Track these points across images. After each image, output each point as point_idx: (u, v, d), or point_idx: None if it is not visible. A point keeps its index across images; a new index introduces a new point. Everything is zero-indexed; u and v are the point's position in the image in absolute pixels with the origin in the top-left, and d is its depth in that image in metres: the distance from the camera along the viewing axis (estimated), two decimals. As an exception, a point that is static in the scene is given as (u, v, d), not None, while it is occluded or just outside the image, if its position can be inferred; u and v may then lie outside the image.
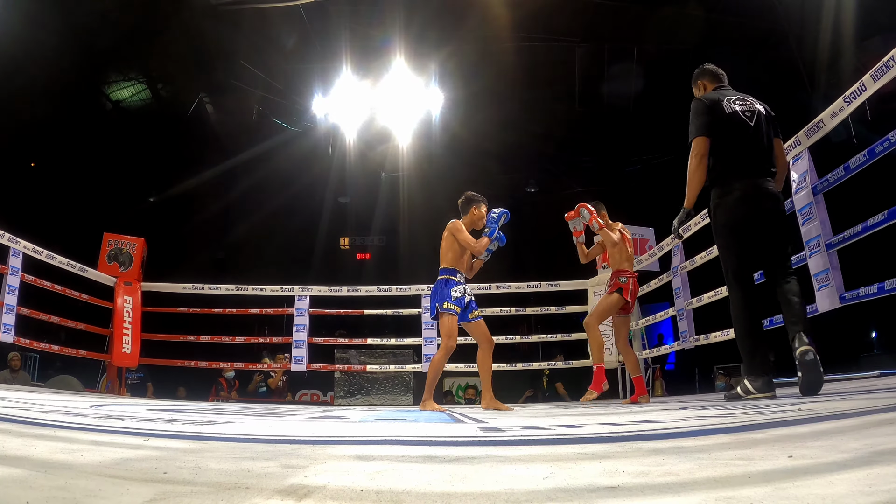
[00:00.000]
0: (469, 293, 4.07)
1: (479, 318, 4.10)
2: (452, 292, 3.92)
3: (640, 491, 0.84)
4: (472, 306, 4.09)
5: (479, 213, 4.16)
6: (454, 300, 3.91)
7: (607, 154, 13.15)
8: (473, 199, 4.20)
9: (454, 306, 3.91)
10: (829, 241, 3.38)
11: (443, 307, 3.92)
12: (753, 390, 2.87)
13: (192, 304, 7.25)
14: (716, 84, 3.36)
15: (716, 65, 3.43)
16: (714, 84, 3.37)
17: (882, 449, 1.02)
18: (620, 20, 9.85)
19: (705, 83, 3.41)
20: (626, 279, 4.60)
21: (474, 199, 4.19)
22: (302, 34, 10.17)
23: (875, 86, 3.02)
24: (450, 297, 3.91)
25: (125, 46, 10.63)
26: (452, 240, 4.05)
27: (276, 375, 7.98)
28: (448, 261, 4.05)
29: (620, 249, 4.69)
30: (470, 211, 4.17)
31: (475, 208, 4.16)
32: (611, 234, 4.65)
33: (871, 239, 3.19)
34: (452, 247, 4.05)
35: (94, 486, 0.86)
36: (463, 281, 4.05)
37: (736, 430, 1.50)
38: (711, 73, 3.42)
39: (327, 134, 12.03)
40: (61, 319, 6.01)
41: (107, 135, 12.28)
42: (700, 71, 3.47)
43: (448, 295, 3.91)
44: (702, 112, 3.11)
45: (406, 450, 1.36)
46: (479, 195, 4.23)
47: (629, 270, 4.68)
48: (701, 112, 3.11)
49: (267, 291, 6.90)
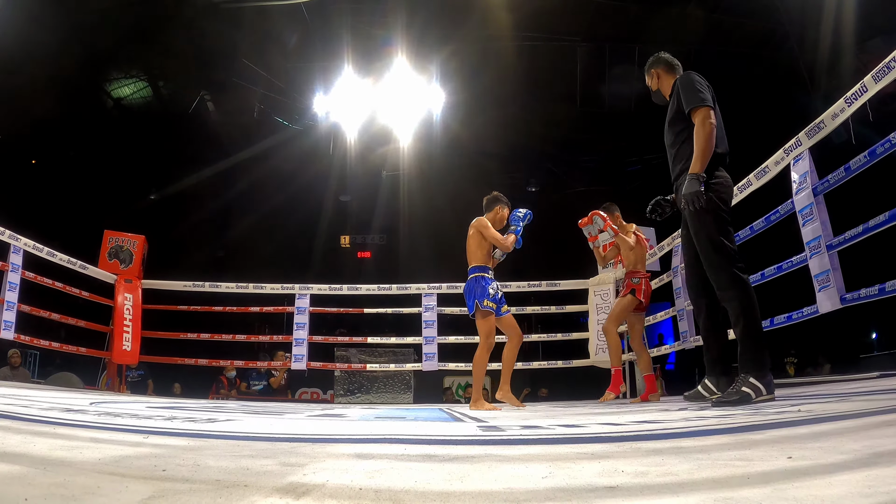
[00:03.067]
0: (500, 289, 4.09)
1: (509, 312, 4.12)
2: (491, 290, 3.94)
3: (639, 491, 0.84)
4: (503, 301, 4.11)
5: (501, 213, 4.19)
6: (491, 297, 3.93)
7: (608, 154, 13.16)
8: (500, 199, 4.22)
9: (492, 304, 3.93)
10: (830, 243, 3.38)
11: (483, 305, 3.93)
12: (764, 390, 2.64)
13: (192, 302, 7.25)
14: (672, 75, 3.27)
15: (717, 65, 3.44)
16: (670, 75, 3.28)
17: (881, 450, 1.02)
18: (621, 20, 9.85)
19: (660, 72, 3.34)
20: (639, 280, 4.65)
21: (500, 200, 4.22)
22: (303, 32, 10.17)
23: (876, 87, 3.01)
24: (487, 294, 3.92)
25: (126, 44, 10.64)
26: (480, 237, 4.05)
27: (278, 374, 7.98)
28: (478, 258, 4.05)
29: (636, 252, 4.73)
30: (494, 209, 4.19)
31: (499, 208, 4.19)
32: (627, 240, 4.69)
33: (872, 240, 3.19)
34: (481, 244, 4.05)
35: (93, 483, 0.87)
36: (494, 277, 4.07)
37: (735, 431, 1.50)
38: (668, 62, 3.34)
39: (328, 132, 12.04)
40: (62, 316, 6.01)
41: (108, 132, 12.30)
42: (655, 58, 3.38)
43: (486, 293, 3.93)
44: (705, 86, 2.98)
45: (405, 448, 1.36)
46: (505, 197, 4.26)
47: (641, 271, 4.72)
48: (705, 86, 2.98)
49: (267, 290, 6.90)
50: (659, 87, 3.36)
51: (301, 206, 13.92)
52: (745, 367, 2.72)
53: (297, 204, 13.75)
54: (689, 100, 2.94)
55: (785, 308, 3.92)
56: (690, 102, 2.93)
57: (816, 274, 3.47)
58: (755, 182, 4.10)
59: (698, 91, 2.93)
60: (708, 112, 2.88)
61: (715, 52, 9.77)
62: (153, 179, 13.70)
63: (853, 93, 3.15)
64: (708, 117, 2.86)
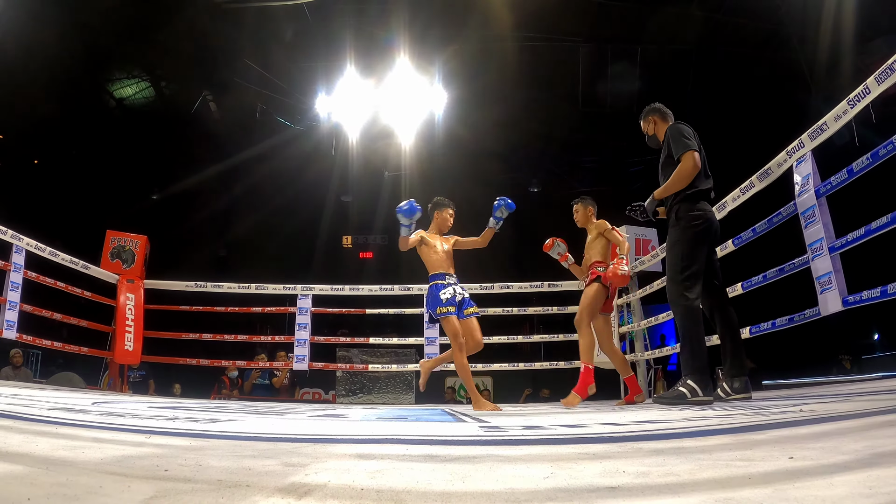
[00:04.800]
0: (460, 292, 4.14)
1: (473, 317, 4.16)
2: (441, 295, 4.03)
3: (640, 491, 0.84)
4: (468, 303, 4.16)
5: (443, 215, 4.35)
6: (445, 302, 4.01)
7: (610, 154, 13.14)
8: (436, 204, 4.40)
9: (448, 307, 4.00)
10: (833, 245, 3.37)
11: (436, 313, 4.03)
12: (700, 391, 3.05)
13: (194, 302, 7.25)
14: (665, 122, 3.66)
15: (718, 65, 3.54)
16: (664, 122, 3.67)
17: (883, 451, 1.02)
18: (623, 20, 9.85)
19: (656, 119, 3.75)
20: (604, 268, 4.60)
21: (437, 204, 4.39)
22: (305, 32, 10.18)
23: (879, 88, 3.00)
24: (440, 301, 4.02)
25: (128, 44, 10.67)
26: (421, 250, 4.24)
27: (280, 374, 7.98)
28: (429, 268, 4.22)
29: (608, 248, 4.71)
30: (434, 217, 4.37)
31: (437, 213, 4.36)
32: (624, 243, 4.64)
33: (875, 242, 3.18)
34: (425, 256, 4.23)
35: (96, 483, 0.87)
36: (453, 282, 4.15)
37: (737, 431, 1.50)
38: (661, 111, 3.74)
39: (330, 132, 12.04)
40: (64, 316, 6.02)
41: (110, 132, 12.32)
42: (651, 108, 3.79)
43: (438, 300, 4.03)
44: (691, 134, 3.38)
45: (407, 449, 1.36)
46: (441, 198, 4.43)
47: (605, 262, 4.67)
48: (690, 134, 3.38)
49: (269, 290, 6.90)
50: (655, 132, 3.77)
51: (303, 206, 13.92)
52: (685, 370, 3.18)
53: (298, 204, 13.76)
54: (678, 147, 3.36)
55: (787, 310, 3.92)
56: (679, 149, 3.35)
57: (819, 276, 3.46)
58: (758, 184, 4.09)
59: (686, 139, 3.35)
60: (693, 155, 3.30)
61: (716, 53, 9.76)
62: (155, 179, 13.72)
63: (856, 94, 3.14)
64: (693, 160, 3.30)
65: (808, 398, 2.76)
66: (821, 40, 8.32)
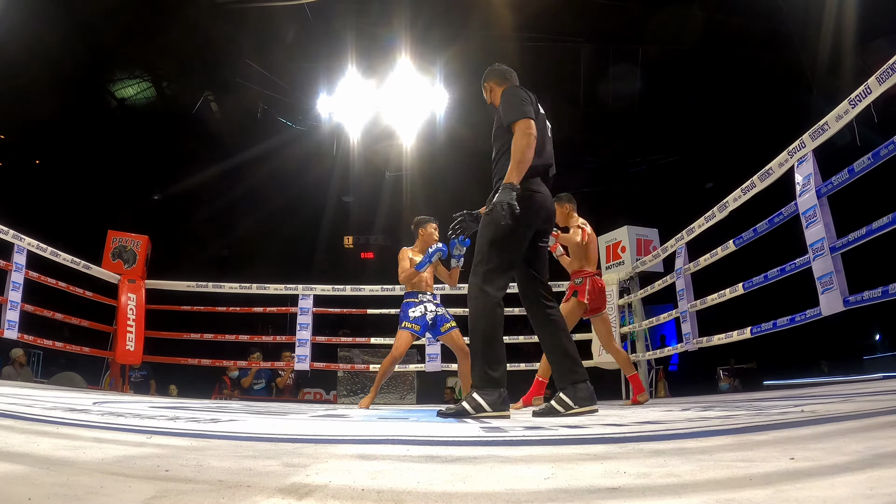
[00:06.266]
0: (433, 310, 4.39)
1: (453, 330, 4.37)
2: (410, 313, 4.33)
3: (641, 492, 0.84)
4: (443, 320, 4.39)
5: (427, 232, 4.53)
6: (412, 320, 4.30)
7: (611, 154, 13.14)
8: (419, 222, 4.60)
9: (412, 325, 4.29)
10: (834, 245, 3.37)
11: (401, 326, 4.33)
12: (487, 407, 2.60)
13: (195, 302, 7.25)
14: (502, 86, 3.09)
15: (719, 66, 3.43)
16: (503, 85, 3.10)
17: (884, 451, 1.02)
18: (625, 21, 9.86)
19: (492, 85, 3.17)
20: (582, 280, 4.39)
21: (420, 222, 4.59)
22: (307, 33, 10.19)
23: (880, 88, 3.00)
24: (408, 317, 4.32)
25: (130, 44, 10.69)
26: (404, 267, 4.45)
27: (284, 374, 7.99)
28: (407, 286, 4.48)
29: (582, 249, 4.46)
30: (419, 233, 4.57)
31: (422, 230, 4.56)
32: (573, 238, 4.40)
33: (876, 242, 3.18)
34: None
35: (96, 482, 0.87)
36: (426, 300, 4.41)
37: (738, 432, 1.50)
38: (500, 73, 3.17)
39: (331, 133, 12.06)
40: (65, 316, 6.03)
41: (111, 132, 12.34)
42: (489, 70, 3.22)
43: (407, 316, 4.33)
44: (527, 100, 2.84)
45: (408, 449, 1.36)
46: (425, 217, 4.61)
47: (588, 270, 4.45)
48: (526, 100, 2.84)
49: (270, 290, 6.91)
50: (493, 100, 3.17)
51: (304, 206, 13.94)
52: (474, 382, 2.69)
53: (300, 204, 13.77)
54: (507, 114, 2.81)
55: (788, 310, 3.91)
56: (509, 117, 2.79)
57: (820, 276, 3.46)
58: (759, 184, 4.10)
59: (520, 104, 2.80)
60: (528, 123, 2.73)
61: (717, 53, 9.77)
62: (157, 179, 13.74)
63: (857, 94, 3.14)
64: (528, 128, 2.71)
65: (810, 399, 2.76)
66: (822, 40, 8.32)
